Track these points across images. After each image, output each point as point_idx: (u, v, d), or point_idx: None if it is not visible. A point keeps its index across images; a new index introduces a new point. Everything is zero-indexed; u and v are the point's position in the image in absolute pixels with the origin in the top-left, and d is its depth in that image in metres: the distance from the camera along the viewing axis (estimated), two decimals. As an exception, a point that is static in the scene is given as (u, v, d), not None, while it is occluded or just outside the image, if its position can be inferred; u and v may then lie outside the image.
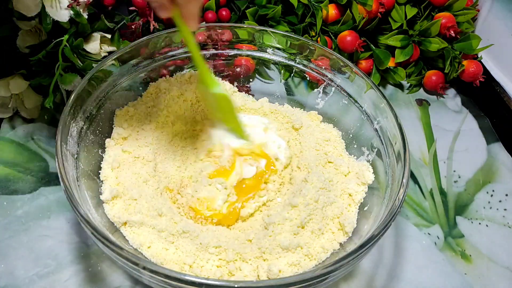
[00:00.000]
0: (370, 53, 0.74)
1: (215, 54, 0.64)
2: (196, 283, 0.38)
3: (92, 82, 0.54)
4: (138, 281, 0.51)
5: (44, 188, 0.58)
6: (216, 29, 0.63)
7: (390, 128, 0.53)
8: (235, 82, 0.65)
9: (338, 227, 0.51)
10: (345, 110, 0.61)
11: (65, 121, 0.49)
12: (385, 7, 0.72)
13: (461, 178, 0.66)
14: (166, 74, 0.61)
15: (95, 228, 0.41)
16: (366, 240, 0.43)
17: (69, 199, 0.43)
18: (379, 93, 0.55)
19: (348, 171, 0.57)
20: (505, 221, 0.62)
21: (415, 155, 0.68)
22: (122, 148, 0.54)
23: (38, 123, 0.65)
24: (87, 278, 0.51)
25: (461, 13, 0.74)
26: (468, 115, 0.75)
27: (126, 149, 0.54)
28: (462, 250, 0.58)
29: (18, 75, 0.62)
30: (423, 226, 0.60)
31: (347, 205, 0.54)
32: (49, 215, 0.56)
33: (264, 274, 0.46)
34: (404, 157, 0.49)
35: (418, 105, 0.76)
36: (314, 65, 0.62)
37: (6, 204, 0.56)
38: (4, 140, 0.63)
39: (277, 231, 0.49)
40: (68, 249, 0.53)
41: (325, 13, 0.71)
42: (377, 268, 0.55)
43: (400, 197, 0.46)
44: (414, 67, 0.77)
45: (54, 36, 0.60)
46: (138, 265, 0.39)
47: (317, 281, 0.41)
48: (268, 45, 0.63)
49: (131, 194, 0.50)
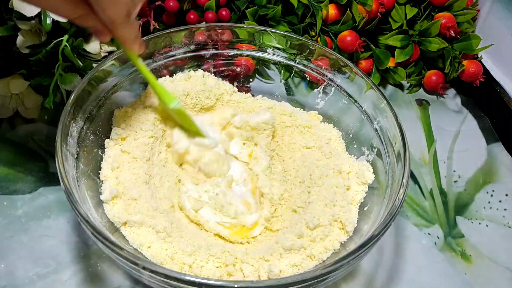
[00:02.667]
0: (370, 53, 0.74)
1: (215, 54, 0.64)
2: (196, 283, 0.38)
3: (92, 82, 0.54)
4: (138, 281, 0.51)
5: (44, 188, 0.58)
6: (216, 29, 0.63)
7: (390, 128, 0.53)
8: (235, 82, 0.65)
9: (339, 226, 0.51)
10: (345, 110, 0.61)
11: (65, 121, 0.49)
12: (385, 7, 0.72)
13: (461, 178, 0.66)
14: (166, 74, 0.61)
15: (95, 228, 0.41)
16: (366, 240, 0.43)
17: (69, 199, 0.43)
18: (379, 93, 0.55)
19: (349, 171, 0.56)
20: (505, 221, 0.62)
21: (415, 155, 0.68)
22: (121, 148, 0.54)
23: (38, 123, 0.65)
24: (87, 278, 0.51)
25: (461, 13, 0.74)
26: (468, 115, 0.75)
27: (125, 149, 0.54)
28: (462, 250, 0.58)
29: (18, 75, 0.62)
30: (423, 226, 0.60)
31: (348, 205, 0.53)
32: (49, 215, 0.56)
33: (264, 274, 0.46)
34: (404, 157, 0.49)
35: (418, 105, 0.76)
36: (314, 65, 0.62)
37: (6, 204, 0.56)
38: (4, 140, 0.63)
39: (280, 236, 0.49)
40: (68, 249, 0.53)
41: (325, 13, 0.71)
42: (377, 268, 0.55)
43: (400, 197, 0.46)
44: (414, 67, 0.77)
45: (54, 36, 0.60)
46: (138, 265, 0.39)
47: (317, 281, 0.41)
48: (268, 45, 0.63)
49: (131, 194, 0.50)
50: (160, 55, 0.61)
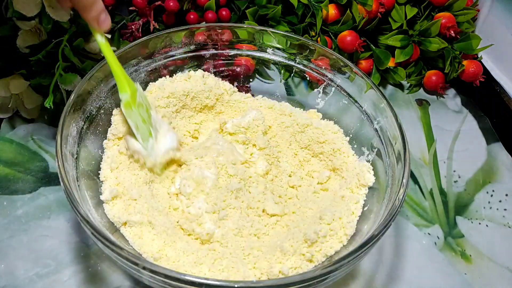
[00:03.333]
0: (370, 53, 0.74)
1: (215, 54, 0.64)
2: (196, 283, 0.38)
3: (92, 82, 0.54)
4: (138, 281, 0.51)
5: (44, 188, 0.58)
6: (216, 29, 0.63)
7: (390, 128, 0.53)
8: (235, 82, 0.65)
9: (340, 225, 0.51)
10: (345, 110, 0.61)
11: (65, 121, 0.49)
12: (385, 7, 0.72)
13: (461, 178, 0.66)
14: (166, 74, 0.61)
15: (95, 228, 0.41)
16: (366, 240, 0.43)
17: (69, 199, 0.43)
18: (379, 93, 0.55)
19: (349, 172, 0.56)
20: (505, 221, 0.62)
21: (415, 155, 0.68)
22: (119, 149, 0.54)
23: (38, 123, 0.65)
24: (87, 278, 0.51)
25: (461, 13, 0.74)
26: (468, 115, 0.75)
27: (122, 150, 0.54)
28: (462, 250, 0.58)
29: (18, 75, 0.62)
30: (423, 226, 0.60)
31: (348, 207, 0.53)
32: (49, 215, 0.56)
33: (264, 274, 0.46)
34: (404, 157, 0.49)
35: (418, 105, 0.76)
36: (314, 65, 0.62)
37: (6, 204, 0.56)
38: (4, 140, 0.63)
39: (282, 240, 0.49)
40: (68, 249, 0.53)
41: (325, 13, 0.71)
42: (377, 268, 0.55)
43: (400, 197, 0.46)
44: (414, 67, 0.77)
45: (54, 36, 0.60)
46: (138, 265, 0.39)
47: (317, 281, 0.41)
48: (268, 45, 0.63)
49: (131, 194, 0.50)
50: (160, 55, 0.61)
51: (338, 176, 0.57)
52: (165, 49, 0.61)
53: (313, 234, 0.47)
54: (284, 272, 0.46)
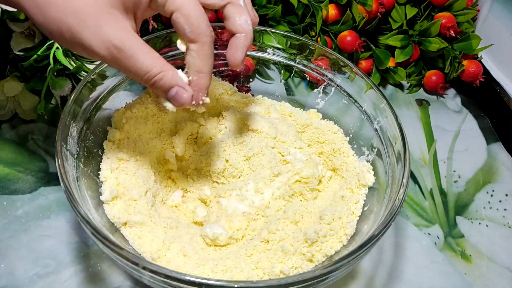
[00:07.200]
0: (370, 53, 0.74)
1: (215, 54, 0.64)
2: (196, 283, 0.38)
3: (92, 82, 0.54)
4: (138, 281, 0.51)
5: (44, 188, 0.58)
6: (216, 29, 0.62)
7: (390, 128, 0.53)
8: (235, 82, 0.65)
9: (340, 225, 0.51)
10: (345, 110, 0.61)
11: (65, 121, 0.49)
12: (385, 7, 0.72)
13: (461, 178, 0.66)
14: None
15: (95, 228, 0.41)
16: (366, 240, 0.43)
17: (69, 199, 0.43)
18: (379, 93, 0.55)
19: (349, 172, 0.56)
20: (505, 221, 0.62)
21: (415, 155, 0.68)
22: (119, 149, 0.54)
23: (38, 123, 0.65)
24: (87, 278, 0.51)
25: (461, 13, 0.74)
26: (468, 115, 0.75)
27: (123, 150, 0.54)
28: (462, 250, 0.58)
29: (12, 77, 0.61)
30: (423, 226, 0.60)
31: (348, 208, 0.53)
32: (49, 215, 0.56)
33: (265, 274, 0.46)
34: (404, 157, 0.49)
35: (418, 105, 0.76)
36: (314, 65, 0.62)
37: (6, 204, 0.56)
38: (4, 140, 0.63)
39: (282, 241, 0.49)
40: (68, 249, 0.53)
41: (325, 13, 0.71)
42: (377, 268, 0.55)
43: (400, 197, 0.46)
44: (414, 67, 0.77)
45: (47, 38, 0.60)
46: (138, 265, 0.39)
47: (317, 281, 0.41)
48: (268, 45, 0.63)
49: (131, 194, 0.50)
50: (160, 55, 0.60)
51: (338, 176, 0.57)
52: (165, 49, 0.61)
53: (313, 234, 0.47)
54: (285, 272, 0.46)
